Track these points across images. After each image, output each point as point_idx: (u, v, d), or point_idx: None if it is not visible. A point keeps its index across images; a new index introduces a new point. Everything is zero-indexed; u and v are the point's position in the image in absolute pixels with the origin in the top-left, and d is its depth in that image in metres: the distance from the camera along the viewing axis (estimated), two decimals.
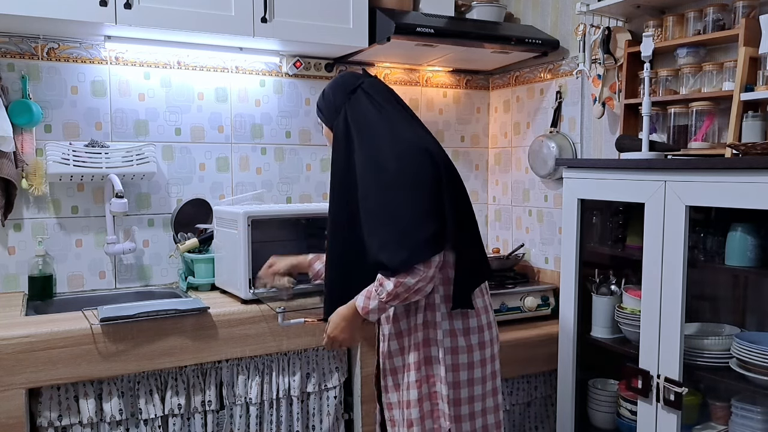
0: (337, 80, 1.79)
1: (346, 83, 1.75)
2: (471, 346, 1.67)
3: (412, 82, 2.92)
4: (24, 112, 2.15)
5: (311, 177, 2.73)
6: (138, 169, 2.30)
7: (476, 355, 1.67)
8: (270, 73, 2.62)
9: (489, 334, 1.71)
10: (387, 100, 1.71)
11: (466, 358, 1.66)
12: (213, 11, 2.17)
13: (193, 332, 1.94)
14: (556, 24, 2.69)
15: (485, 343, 1.70)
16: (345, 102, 1.72)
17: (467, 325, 1.67)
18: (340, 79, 1.78)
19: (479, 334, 1.69)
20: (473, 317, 1.68)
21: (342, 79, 1.78)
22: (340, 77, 1.79)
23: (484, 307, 1.72)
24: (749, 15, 1.94)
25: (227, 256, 2.20)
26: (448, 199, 1.58)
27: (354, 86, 1.73)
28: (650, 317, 1.85)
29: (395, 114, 1.68)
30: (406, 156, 1.58)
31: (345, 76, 1.78)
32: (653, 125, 2.19)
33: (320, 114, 1.81)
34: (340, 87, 1.75)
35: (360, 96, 1.71)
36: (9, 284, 2.25)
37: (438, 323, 1.64)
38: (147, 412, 1.92)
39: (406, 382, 1.68)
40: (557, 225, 2.71)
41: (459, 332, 1.66)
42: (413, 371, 1.66)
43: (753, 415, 1.76)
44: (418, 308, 1.66)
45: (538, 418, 2.50)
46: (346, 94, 1.73)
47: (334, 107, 1.74)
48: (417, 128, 1.69)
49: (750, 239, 1.75)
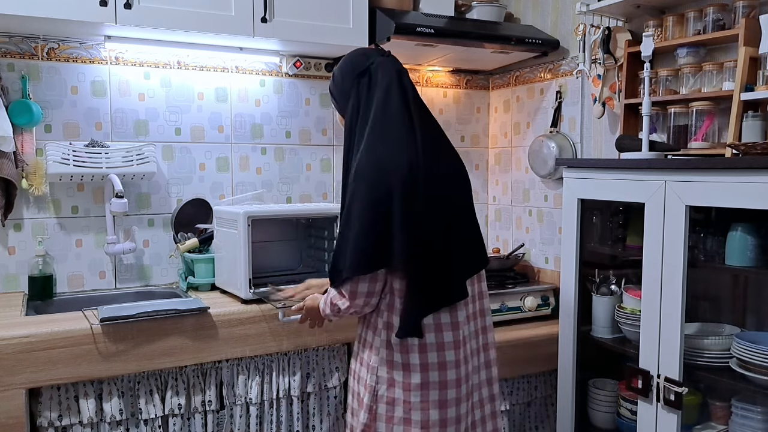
0: (346, 60, 1.65)
1: (354, 65, 1.62)
2: (408, 383, 1.52)
3: (412, 82, 2.91)
4: (24, 112, 2.15)
5: (311, 177, 2.73)
6: (138, 169, 2.30)
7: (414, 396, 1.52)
8: (270, 73, 2.62)
9: (444, 374, 1.52)
10: (391, 89, 1.58)
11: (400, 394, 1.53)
12: (213, 11, 2.17)
13: (193, 332, 1.94)
14: (556, 24, 2.69)
15: (436, 384, 1.53)
16: (353, 86, 1.61)
17: (407, 360, 1.52)
18: (348, 60, 1.65)
19: (423, 374, 1.52)
20: (418, 353, 1.52)
21: (351, 59, 1.65)
22: (350, 56, 1.65)
23: (453, 324, 1.55)
24: (749, 15, 1.94)
25: (227, 256, 2.20)
26: (402, 222, 1.47)
27: (363, 68, 1.61)
28: (650, 317, 1.85)
29: (392, 114, 1.56)
30: (366, 173, 1.50)
31: (354, 55, 1.65)
32: (653, 125, 2.19)
33: (333, 101, 1.71)
34: (349, 69, 1.63)
35: (368, 81, 1.59)
36: (9, 284, 2.25)
37: (377, 348, 1.55)
38: (147, 412, 1.92)
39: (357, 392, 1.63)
40: (557, 225, 2.71)
41: (394, 365, 1.53)
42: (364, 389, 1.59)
43: (753, 415, 1.76)
44: (368, 325, 1.60)
45: (538, 418, 2.50)
46: (354, 77, 1.61)
47: (344, 92, 1.63)
48: (402, 138, 1.53)
49: (750, 239, 1.75)
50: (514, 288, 2.58)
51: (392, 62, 1.64)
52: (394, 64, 1.63)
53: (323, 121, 2.74)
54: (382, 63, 1.61)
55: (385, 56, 1.64)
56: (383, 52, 1.66)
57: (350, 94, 1.61)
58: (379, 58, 1.62)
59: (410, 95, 1.62)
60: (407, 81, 1.63)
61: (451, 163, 1.64)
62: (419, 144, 1.54)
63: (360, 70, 1.61)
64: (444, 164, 1.60)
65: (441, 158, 1.61)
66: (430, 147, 1.58)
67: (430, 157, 1.56)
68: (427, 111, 1.67)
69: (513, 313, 2.53)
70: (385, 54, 1.65)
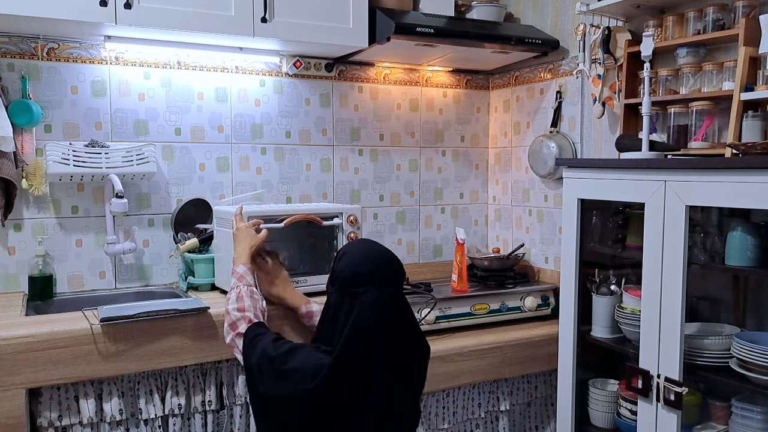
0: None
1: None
2: None
3: (412, 82, 2.92)
4: (24, 112, 2.15)
5: (311, 177, 2.73)
6: (138, 169, 2.30)
7: None
8: (270, 73, 2.62)
9: None
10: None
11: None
12: (213, 11, 2.17)
13: (193, 332, 1.94)
14: (556, 24, 2.69)
15: None
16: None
17: None
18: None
19: None
20: None
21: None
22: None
23: None
24: (749, 15, 1.94)
25: (227, 256, 2.19)
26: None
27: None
28: (650, 317, 1.85)
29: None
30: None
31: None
32: (653, 125, 2.19)
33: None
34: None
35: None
36: (9, 284, 2.25)
37: None
38: (147, 412, 1.92)
39: None
40: (557, 225, 2.71)
41: None
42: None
43: (753, 415, 1.76)
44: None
45: (538, 418, 2.50)
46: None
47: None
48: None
49: (750, 239, 1.75)
50: (514, 288, 2.58)
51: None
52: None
53: (323, 121, 2.74)
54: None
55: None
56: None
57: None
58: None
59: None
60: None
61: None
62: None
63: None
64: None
65: None
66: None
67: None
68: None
69: (513, 313, 2.54)
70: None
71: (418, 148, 2.96)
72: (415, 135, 2.95)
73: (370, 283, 1.58)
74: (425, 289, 2.48)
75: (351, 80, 2.78)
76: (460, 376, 2.26)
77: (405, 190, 2.95)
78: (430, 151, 2.99)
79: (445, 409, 2.30)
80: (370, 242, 1.73)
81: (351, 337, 1.54)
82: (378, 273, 1.60)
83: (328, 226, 2.25)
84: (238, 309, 1.76)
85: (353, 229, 2.26)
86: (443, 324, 2.40)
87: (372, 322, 1.55)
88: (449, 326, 2.42)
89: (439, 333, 2.39)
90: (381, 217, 2.90)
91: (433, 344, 2.24)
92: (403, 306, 1.64)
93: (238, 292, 1.81)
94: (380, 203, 2.89)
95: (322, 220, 2.22)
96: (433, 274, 2.89)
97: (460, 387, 2.31)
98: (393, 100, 2.88)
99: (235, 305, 1.77)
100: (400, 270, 1.66)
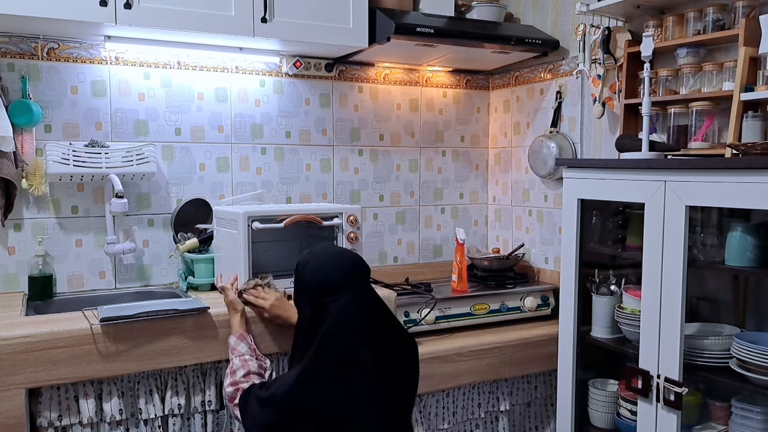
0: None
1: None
2: None
3: (412, 82, 2.92)
4: (24, 112, 2.15)
5: (311, 177, 2.73)
6: (138, 169, 2.30)
7: None
8: (270, 73, 2.62)
9: None
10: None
11: None
12: (213, 11, 2.17)
13: (193, 332, 1.94)
14: (556, 24, 2.69)
15: None
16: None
17: None
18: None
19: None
20: None
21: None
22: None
23: None
24: (749, 15, 1.94)
25: (227, 256, 2.20)
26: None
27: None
28: (650, 317, 1.85)
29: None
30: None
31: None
32: (653, 125, 2.19)
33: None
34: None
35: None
36: (9, 284, 2.25)
37: None
38: (147, 412, 1.92)
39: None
40: (557, 225, 2.71)
41: None
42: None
43: (753, 415, 1.76)
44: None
45: (538, 418, 2.50)
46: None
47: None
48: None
49: (750, 239, 1.75)
50: (514, 288, 2.58)
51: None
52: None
53: (323, 121, 2.74)
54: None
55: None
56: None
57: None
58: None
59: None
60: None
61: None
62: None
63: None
64: None
65: None
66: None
67: None
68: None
69: (513, 313, 2.54)
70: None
71: (418, 148, 2.96)
72: (415, 135, 2.95)
73: (339, 290, 1.57)
74: (425, 289, 2.48)
75: (351, 80, 2.78)
76: (460, 376, 2.27)
77: (405, 190, 2.95)
78: (430, 151, 2.99)
79: (445, 409, 2.30)
80: (328, 246, 1.72)
81: (323, 345, 1.53)
82: (346, 276, 1.60)
83: (328, 226, 2.25)
84: (231, 384, 1.78)
85: (353, 229, 2.26)
86: (443, 324, 2.41)
87: (349, 332, 1.54)
88: (449, 326, 2.42)
89: (439, 333, 2.39)
90: (381, 217, 2.90)
91: (433, 344, 2.25)
92: (377, 301, 1.64)
93: (231, 367, 1.83)
94: (380, 203, 2.89)
95: (322, 220, 2.22)
96: (433, 274, 2.90)
97: (460, 387, 2.31)
98: (393, 100, 2.88)
99: (229, 380, 1.79)
100: (365, 266, 1.66)
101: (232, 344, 1.88)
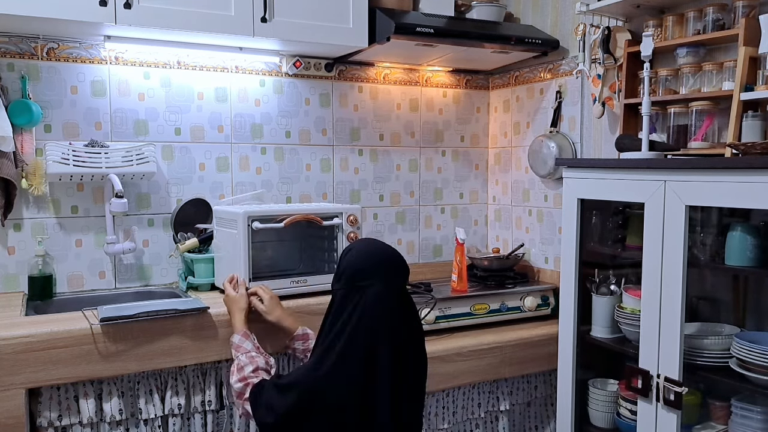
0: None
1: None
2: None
3: (412, 82, 2.92)
4: (24, 112, 2.15)
5: (311, 177, 2.73)
6: (138, 169, 2.30)
7: None
8: (270, 73, 2.62)
9: None
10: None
11: None
12: (213, 11, 2.17)
13: (193, 332, 1.94)
14: (556, 24, 2.69)
15: None
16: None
17: None
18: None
19: None
20: None
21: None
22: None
23: None
24: (749, 15, 1.94)
25: (227, 256, 2.20)
26: None
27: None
28: (650, 317, 1.85)
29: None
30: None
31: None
32: (653, 125, 2.19)
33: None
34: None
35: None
36: (9, 284, 2.25)
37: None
38: (147, 412, 1.92)
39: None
40: (557, 225, 2.71)
41: None
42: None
43: (753, 415, 1.76)
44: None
45: (538, 418, 2.50)
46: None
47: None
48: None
49: (750, 239, 1.75)
50: (514, 288, 2.58)
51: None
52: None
53: (323, 121, 2.74)
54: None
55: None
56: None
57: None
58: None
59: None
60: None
61: None
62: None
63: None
64: None
65: None
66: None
67: None
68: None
69: (513, 313, 2.54)
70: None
71: (418, 148, 2.96)
72: (415, 135, 2.95)
73: (375, 276, 1.59)
74: (425, 289, 2.48)
75: (351, 80, 2.78)
76: (460, 376, 2.27)
77: (405, 190, 2.95)
78: (430, 151, 2.99)
79: (445, 409, 2.30)
80: (375, 240, 1.76)
81: (347, 330, 1.56)
82: (383, 266, 1.62)
83: (328, 226, 2.25)
84: (239, 380, 1.75)
85: (353, 229, 2.26)
86: (443, 324, 2.41)
87: (375, 322, 1.56)
88: (449, 326, 2.42)
89: (439, 333, 2.39)
90: (381, 217, 2.90)
91: (433, 344, 2.25)
92: (409, 303, 1.66)
93: (238, 364, 1.81)
94: (380, 203, 2.89)
95: (322, 220, 2.22)
96: (433, 274, 2.90)
97: (459, 387, 2.31)
98: (393, 100, 2.88)
99: (237, 377, 1.77)
100: (405, 265, 1.68)
101: (237, 342, 1.87)
